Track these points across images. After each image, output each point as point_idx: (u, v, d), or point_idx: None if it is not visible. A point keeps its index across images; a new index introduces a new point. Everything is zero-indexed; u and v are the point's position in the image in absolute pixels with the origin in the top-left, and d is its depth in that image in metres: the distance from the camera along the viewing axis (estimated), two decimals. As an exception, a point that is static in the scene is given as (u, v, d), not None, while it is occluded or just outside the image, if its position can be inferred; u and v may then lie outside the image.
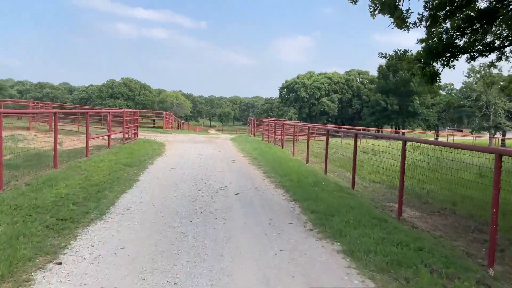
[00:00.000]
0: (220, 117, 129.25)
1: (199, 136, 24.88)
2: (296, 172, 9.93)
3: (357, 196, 7.73)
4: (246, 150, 15.50)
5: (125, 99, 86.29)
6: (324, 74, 73.95)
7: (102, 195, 6.53)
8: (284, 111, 73.01)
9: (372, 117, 63.42)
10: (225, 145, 17.86)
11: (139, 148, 13.68)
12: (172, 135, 23.49)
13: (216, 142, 19.91)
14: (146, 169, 9.77)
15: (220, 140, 21.33)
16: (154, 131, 25.67)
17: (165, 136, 21.71)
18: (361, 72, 76.26)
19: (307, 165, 12.31)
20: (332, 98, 70.26)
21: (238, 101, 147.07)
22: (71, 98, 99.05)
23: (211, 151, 14.75)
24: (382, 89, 60.48)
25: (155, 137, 20.25)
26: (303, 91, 70.08)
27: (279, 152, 15.28)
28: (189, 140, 20.16)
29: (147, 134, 22.80)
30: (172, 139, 20.17)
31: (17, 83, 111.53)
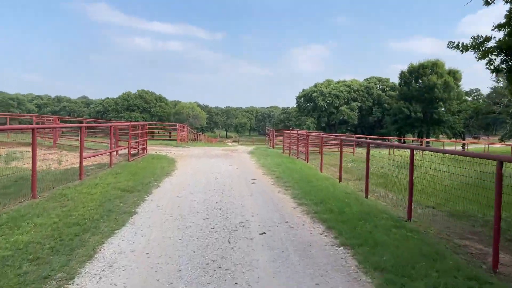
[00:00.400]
0: (236, 127, 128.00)
1: (214, 149, 23.18)
2: (333, 196, 8.04)
3: (422, 233, 5.79)
4: (267, 165, 13.65)
5: (141, 111, 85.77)
6: (343, 82, 71.82)
7: (80, 242, 4.76)
8: (302, 120, 71.04)
9: (395, 125, 60.86)
10: (243, 160, 16.07)
11: (145, 166, 11.99)
12: (186, 149, 21.84)
13: (233, 156, 18.13)
14: (149, 195, 8.01)
15: (237, 154, 19.55)
16: (167, 144, 24.09)
17: (177, 151, 20.05)
18: (381, 79, 73.85)
19: (341, 185, 10.38)
20: (351, 106, 67.98)
21: (254, 111, 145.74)
22: (87, 111, 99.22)
23: (228, 168, 12.96)
24: (404, 96, 57.99)
25: (167, 152, 18.62)
26: (321, 100, 68.05)
27: (305, 168, 13.38)
28: (203, 154, 18.44)
29: (159, 148, 21.22)
30: (185, 153, 18.49)
31: (36, 97, 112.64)
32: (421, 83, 57.44)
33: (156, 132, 37.92)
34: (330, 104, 68.21)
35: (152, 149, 20.02)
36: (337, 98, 68.15)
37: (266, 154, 19.30)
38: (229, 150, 24.02)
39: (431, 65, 56.10)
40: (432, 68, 55.98)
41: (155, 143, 25.69)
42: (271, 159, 16.17)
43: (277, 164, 13.90)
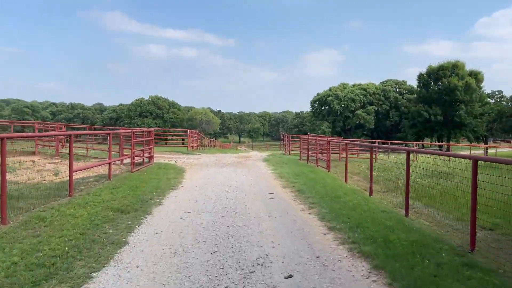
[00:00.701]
0: (249, 133, 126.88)
1: (227, 157, 21.87)
2: (370, 217, 6.60)
3: (503, 276, 4.32)
4: (285, 175, 12.26)
5: (154, 117, 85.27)
6: (359, 85, 70.05)
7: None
8: (317, 125, 69.40)
9: (413, 129, 58.78)
10: (257, 169, 14.69)
11: (149, 178, 10.71)
12: (197, 157, 20.58)
13: (247, 164, 16.77)
14: (147, 215, 6.70)
15: (251, 162, 18.19)
16: (178, 151, 22.88)
17: (188, 159, 18.80)
18: (398, 82, 71.84)
19: (374, 200, 8.92)
20: (368, 110, 66.14)
21: (268, 116, 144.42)
22: (101, 118, 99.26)
23: (241, 179, 11.60)
24: (423, 99, 55.94)
25: (176, 161, 17.38)
26: (336, 104, 66.38)
27: (328, 178, 11.93)
28: (215, 162, 17.13)
29: (168, 156, 20.00)
30: (195, 162, 17.21)
31: (51, 104, 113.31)
32: (441, 85, 55.36)
33: (168, 138, 36.90)
34: (346, 108, 66.48)
35: (160, 157, 18.82)
36: (353, 101, 66.40)
37: (283, 161, 17.89)
38: (242, 157, 22.69)
39: (451, 66, 54.02)
40: (453, 70, 53.90)
41: (165, 150, 24.54)
42: (289, 167, 14.77)
43: (296, 174, 12.49)
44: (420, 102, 56.17)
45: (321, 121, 68.82)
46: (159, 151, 24.14)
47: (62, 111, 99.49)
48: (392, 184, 12.04)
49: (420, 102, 56.29)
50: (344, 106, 66.31)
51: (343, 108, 66.49)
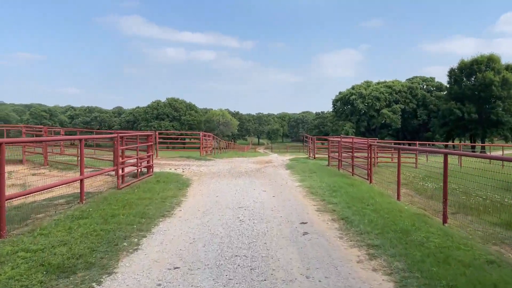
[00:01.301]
0: (268, 134, 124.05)
1: (244, 162, 19.16)
2: (480, 281, 3.74)
3: None
4: (318, 191, 9.42)
5: (171, 120, 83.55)
6: (383, 83, 66.44)
7: None
8: (339, 125, 66.15)
9: (444, 128, 54.93)
10: (280, 180, 11.89)
11: (139, 197, 8.05)
12: (210, 163, 17.93)
13: (267, 173, 14.00)
14: (102, 280, 3.99)
15: (272, 169, 15.41)
16: (189, 157, 20.26)
17: (198, 166, 16.16)
18: (426, 79, 67.88)
19: (457, 233, 6.00)
20: (394, 109, 62.49)
21: (287, 117, 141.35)
22: (118, 121, 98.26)
23: (261, 197, 8.83)
24: (455, 96, 52.08)
25: (184, 169, 14.77)
26: (360, 103, 62.97)
27: (375, 195, 9.03)
28: (229, 171, 14.43)
29: (177, 163, 17.42)
30: (206, 170, 14.55)
31: (69, 108, 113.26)
32: (475, 81, 51.42)
33: (179, 142, 34.41)
34: (370, 107, 63.01)
35: (168, 165, 16.24)
36: (378, 100, 62.88)
37: (310, 169, 15.04)
38: (262, 162, 19.93)
39: (486, 60, 50.02)
40: (488, 64, 49.90)
41: (175, 156, 22.00)
42: (319, 177, 11.92)
43: (332, 188, 9.64)
44: (452, 99, 52.33)
45: (344, 121, 65.52)
46: (169, 156, 21.62)
47: (80, 115, 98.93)
48: (461, 203, 9.07)
49: (451, 99, 52.46)
50: (368, 105, 62.85)
51: (368, 107, 63.04)
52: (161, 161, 17.88)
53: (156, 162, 17.32)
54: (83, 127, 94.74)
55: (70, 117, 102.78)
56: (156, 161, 17.94)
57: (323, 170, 14.81)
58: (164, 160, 18.71)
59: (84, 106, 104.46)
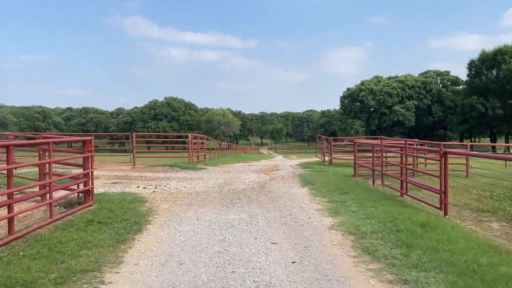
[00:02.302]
0: (272, 134, 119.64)
1: (243, 172, 14.86)
2: None
3: None
4: (379, 248, 5.01)
5: (169, 120, 79.38)
6: (395, 78, 61.89)
7: None
8: (348, 123, 61.68)
9: (464, 125, 50.37)
10: (299, 213, 7.49)
11: (18, 278, 3.72)
12: (199, 174, 13.62)
13: (275, 192, 9.62)
14: None
15: (282, 185, 11.02)
16: (172, 166, 15.89)
17: (180, 181, 11.83)
18: (440, 73, 63.28)
19: None
20: (407, 105, 57.96)
21: (291, 116, 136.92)
22: (116, 122, 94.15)
23: (269, 268, 4.46)
24: (476, 90, 47.50)
25: (158, 186, 10.47)
26: (370, 99, 58.48)
27: (480, 254, 4.64)
28: (220, 190, 10.08)
29: (152, 175, 13.11)
30: (187, 189, 10.22)
31: (66, 110, 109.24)
32: (497, 73, 46.86)
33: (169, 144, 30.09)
34: (381, 103, 58.52)
35: (138, 179, 11.94)
36: (389, 96, 58.37)
37: (335, 183, 10.66)
38: (266, 171, 15.61)
39: (511, 50, 45.40)
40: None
41: (158, 162, 17.70)
42: (359, 204, 7.57)
43: (397, 237, 5.29)
44: (473, 94, 47.72)
45: (353, 119, 61.03)
46: (149, 164, 17.31)
47: (74, 116, 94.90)
48: None
49: (472, 94, 47.85)
50: (379, 101, 58.34)
51: (379, 103, 58.53)
52: (134, 173, 13.56)
53: (125, 175, 13.01)
54: (78, 129, 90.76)
55: (67, 119, 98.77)
56: (127, 173, 13.63)
57: (355, 186, 10.42)
58: (139, 171, 14.39)
59: (80, 108, 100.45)
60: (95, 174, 13.13)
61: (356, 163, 13.53)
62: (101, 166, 16.87)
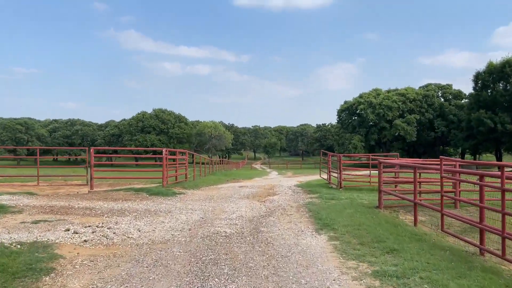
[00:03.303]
0: (265, 148, 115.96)
1: (231, 198, 11.38)
2: None
3: None
4: None
5: (157, 133, 75.58)
6: (395, 91, 59.01)
7: None
8: (346, 138, 58.41)
9: (470, 141, 47.36)
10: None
11: None
12: (168, 205, 10.06)
13: (276, 246, 6.10)
14: None
15: (286, 227, 7.49)
16: (139, 191, 12.27)
17: (134, 219, 8.24)
18: (442, 86, 60.59)
19: None
20: (408, 119, 54.95)
21: (285, 130, 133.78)
22: (102, 134, 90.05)
23: None
24: (483, 104, 44.59)
25: (96, 231, 6.87)
26: (370, 113, 55.39)
27: None
28: (191, 231, 6.60)
29: (102, 205, 9.53)
30: (142, 235, 6.66)
31: (52, 121, 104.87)
32: (504, 85, 44.15)
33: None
34: (381, 117, 55.46)
35: (84, 211, 8.39)
36: (390, 109, 55.36)
37: (361, 224, 7.20)
38: (261, 195, 12.17)
39: (520, 61, 42.72)
40: (523, 66, 42.61)
41: (125, 183, 14.07)
42: (426, 283, 4.06)
43: None
44: (479, 108, 44.78)
45: (352, 134, 57.80)
46: (112, 188, 13.71)
47: (59, 128, 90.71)
48: None
49: (479, 108, 44.90)
50: (379, 115, 55.27)
51: (378, 117, 55.45)
52: (80, 202, 9.92)
53: (64, 206, 9.33)
54: (63, 142, 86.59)
55: (52, 131, 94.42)
56: (71, 202, 9.94)
57: (395, 231, 6.91)
58: (90, 198, 10.75)
59: (65, 119, 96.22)
60: (24, 203, 9.54)
61: (381, 190, 10.04)
62: (44, 189, 13.27)
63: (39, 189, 14.27)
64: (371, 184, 15.32)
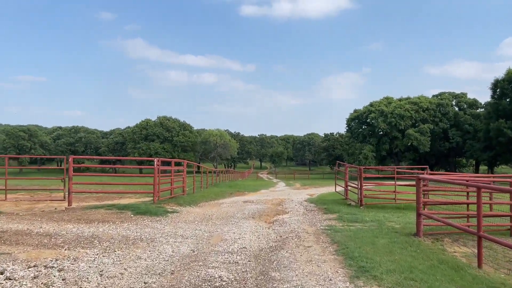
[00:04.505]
0: (272, 157, 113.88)
1: (232, 220, 9.53)
2: None
3: None
4: None
5: (162, 141, 73.86)
6: (407, 99, 56.83)
7: None
8: (356, 148, 56.17)
9: (488, 152, 45.00)
10: None
11: None
12: (149, 232, 8.10)
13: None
14: None
15: (303, 272, 5.45)
16: (123, 209, 10.30)
17: (102, 254, 6.24)
18: (456, 95, 58.32)
19: None
20: (421, 129, 52.66)
21: (291, 139, 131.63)
22: (106, 142, 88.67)
23: None
24: (503, 113, 42.30)
25: (44, 273, 4.83)
26: (381, 121, 53.19)
27: None
28: (174, 278, 4.51)
29: (71, 230, 7.57)
30: (102, 285, 4.62)
31: (56, 128, 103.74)
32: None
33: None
34: (393, 126, 53.23)
35: (39, 239, 6.45)
36: (402, 118, 53.13)
37: (408, 268, 5.14)
38: (269, 214, 10.22)
39: (543, 68, 40.47)
40: (545, 73, 40.37)
41: (114, 197, 12.14)
42: None
43: None
44: (498, 117, 42.49)
45: (362, 143, 55.57)
46: (101, 198, 11.80)
47: (63, 135, 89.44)
48: None
49: (498, 117, 42.61)
50: (390, 124, 53.05)
51: (390, 126, 53.23)
52: (45, 226, 7.95)
53: (17, 231, 7.38)
54: (66, 149, 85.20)
55: (56, 138, 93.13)
56: (30, 225, 7.93)
57: (459, 279, 4.85)
58: (59, 219, 8.79)
59: (69, 127, 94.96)
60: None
61: (420, 214, 7.97)
62: (20, 203, 11.40)
63: (14, 203, 12.41)
64: (396, 201, 13.25)
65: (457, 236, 8.20)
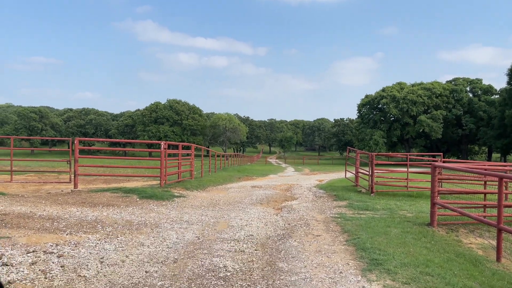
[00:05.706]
0: (281, 142, 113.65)
1: (238, 209, 9.32)
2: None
3: None
4: None
5: (171, 124, 73.77)
6: (420, 85, 55.70)
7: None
8: (366, 134, 55.49)
9: (502, 140, 44.06)
10: None
11: None
12: (154, 216, 7.91)
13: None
14: None
15: (312, 262, 5.20)
16: (129, 192, 10.15)
17: (104, 239, 6.05)
18: (471, 81, 57.00)
19: None
20: (434, 115, 51.72)
21: (301, 124, 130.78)
22: (116, 124, 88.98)
23: None
24: (520, 100, 41.25)
25: (41, 259, 4.65)
26: (392, 107, 52.34)
27: None
28: (177, 266, 4.30)
29: (74, 213, 7.40)
30: (102, 274, 4.42)
31: (67, 110, 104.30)
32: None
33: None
34: (405, 112, 52.36)
35: (41, 222, 6.27)
36: (414, 104, 52.19)
37: (424, 260, 4.85)
38: (277, 200, 9.98)
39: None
40: None
41: (119, 180, 11.99)
42: None
43: None
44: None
45: (372, 129, 54.85)
46: (109, 182, 11.68)
47: (73, 117, 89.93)
48: None
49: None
50: (402, 110, 52.17)
51: (402, 112, 52.37)
52: (49, 209, 7.80)
53: (20, 214, 7.24)
54: (76, 131, 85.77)
55: (67, 119, 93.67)
56: (33, 208, 7.80)
57: (478, 274, 4.57)
58: (64, 201, 8.65)
59: (80, 108, 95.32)
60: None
61: (435, 203, 7.64)
62: (27, 185, 11.33)
63: (21, 185, 12.36)
64: (408, 189, 12.90)
65: (472, 227, 7.87)
